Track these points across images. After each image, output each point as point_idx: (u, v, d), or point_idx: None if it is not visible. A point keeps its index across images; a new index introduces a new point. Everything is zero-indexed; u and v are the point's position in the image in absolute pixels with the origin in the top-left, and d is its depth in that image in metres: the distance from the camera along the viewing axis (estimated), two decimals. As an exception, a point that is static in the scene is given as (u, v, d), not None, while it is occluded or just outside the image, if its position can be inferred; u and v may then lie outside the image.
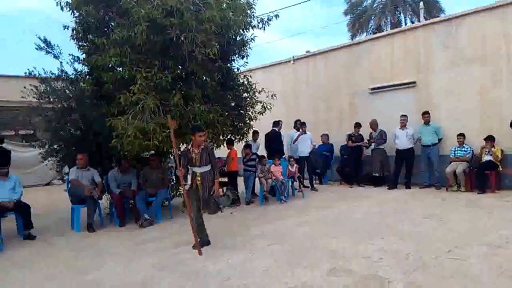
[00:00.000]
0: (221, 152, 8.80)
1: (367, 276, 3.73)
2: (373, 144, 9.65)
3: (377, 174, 9.55)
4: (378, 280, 3.60)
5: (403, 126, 9.19)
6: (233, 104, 7.82)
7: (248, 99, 8.14)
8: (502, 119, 8.04)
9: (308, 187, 9.69)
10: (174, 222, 6.79)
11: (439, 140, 8.92)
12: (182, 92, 6.39)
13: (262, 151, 9.42)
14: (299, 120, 10.00)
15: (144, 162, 7.46)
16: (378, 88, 10.15)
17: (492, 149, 7.95)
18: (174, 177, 7.68)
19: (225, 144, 8.14)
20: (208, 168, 4.98)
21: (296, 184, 9.01)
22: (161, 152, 7.07)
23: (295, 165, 8.92)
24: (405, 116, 9.21)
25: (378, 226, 5.70)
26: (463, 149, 8.44)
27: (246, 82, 8.09)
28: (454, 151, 8.53)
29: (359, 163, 9.98)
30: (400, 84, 9.73)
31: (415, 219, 5.94)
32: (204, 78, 6.83)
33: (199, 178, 4.93)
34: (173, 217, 7.07)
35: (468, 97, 8.64)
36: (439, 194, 8.11)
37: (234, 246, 5.01)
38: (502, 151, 8.01)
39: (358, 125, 9.96)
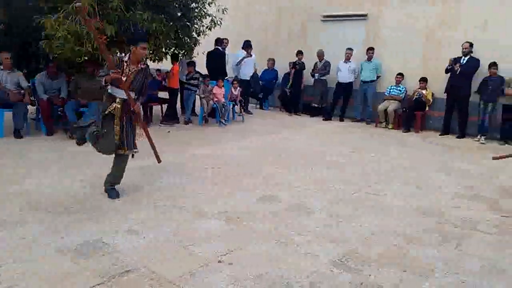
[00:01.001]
0: (164, 64, 8.35)
1: (293, 205, 3.99)
2: (316, 74, 9.73)
3: (316, 105, 9.80)
4: (303, 210, 3.88)
5: (347, 59, 9.30)
6: (179, 14, 7.29)
7: (196, 10, 7.62)
8: (440, 63, 8.24)
9: (250, 112, 9.76)
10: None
11: (377, 77, 9.21)
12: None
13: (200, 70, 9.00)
14: (249, 41, 9.64)
15: (77, 69, 6.89)
16: (330, 16, 9.96)
17: (424, 91, 8.41)
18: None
19: (168, 58, 7.74)
20: (132, 96, 3.77)
21: (237, 108, 8.98)
22: (96, 60, 6.54)
23: (238, 88, 8.81)
24: (351, 49, 9.27)
25: (309, 155, 6.01)
26: (398, 88, 8.83)
27: (195, -9, 7.52)
28: (390, 89, 8.91)
29: (300, 92, 10.10)
30: (352, 15, 9.60)
31: (344, 152, 6.32)
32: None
33: (119, 106, 3.73)
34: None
35: (414, 37, 8.74)
36: (369, 129, 8.62)
37: (169, 167, 5.02)
38: (432, 94, 8.50)
39: (300, 53, 9.83)
